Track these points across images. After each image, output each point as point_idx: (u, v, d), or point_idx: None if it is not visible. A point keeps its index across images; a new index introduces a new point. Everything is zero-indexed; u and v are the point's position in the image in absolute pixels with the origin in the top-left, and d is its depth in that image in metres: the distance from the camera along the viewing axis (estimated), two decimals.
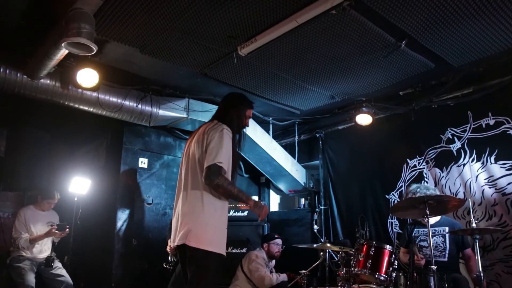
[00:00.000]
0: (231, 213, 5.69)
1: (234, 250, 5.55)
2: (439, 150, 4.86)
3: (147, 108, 5.20)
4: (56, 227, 4.78)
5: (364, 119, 5.20)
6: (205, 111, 5.52)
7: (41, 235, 4.79)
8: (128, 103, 5.05)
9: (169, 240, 4.54)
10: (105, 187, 5.69)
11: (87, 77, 4.39)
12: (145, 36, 3.99)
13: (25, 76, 4.34)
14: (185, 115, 5.41)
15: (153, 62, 4.52)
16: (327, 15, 3.39)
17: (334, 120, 5.99)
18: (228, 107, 3.07)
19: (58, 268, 4.91)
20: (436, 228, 4.01)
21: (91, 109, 4.89)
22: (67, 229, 4.87)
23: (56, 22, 3.62)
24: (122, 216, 5.46)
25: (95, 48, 3.43)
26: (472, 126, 4.61)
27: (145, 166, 5.84)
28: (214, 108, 5.56)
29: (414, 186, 4.15)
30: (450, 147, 4.77)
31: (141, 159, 5.81)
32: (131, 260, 5.39)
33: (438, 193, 4.29)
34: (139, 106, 5.13)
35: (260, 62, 4.33)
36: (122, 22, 3.76)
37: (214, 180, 2.63)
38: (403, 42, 3.91)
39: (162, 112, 5.31)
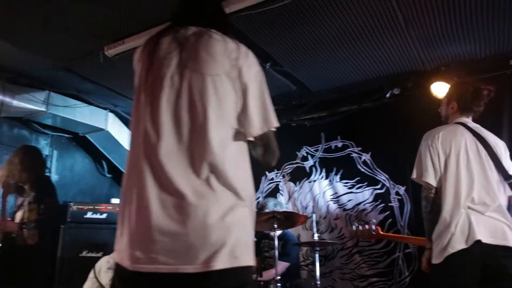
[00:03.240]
0: (89, 215, 5.44)
1: (90, 254, 5.32)
2: (295, 166, 5.27)
3: None
4: None
5: None
6: (67, 107, 5.20)
7: None
8: None
9: None
10: None
11: None
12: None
13: None
14: (43, 109, 5.02)
15: (8, 46, 4.11)
16: None
17: None
18: (219, 9, 1.80)
19: None
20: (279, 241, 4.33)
21: None
22: None
23: None
24: None
25: None
26: (323, 147, 5.10)
27: None
28: (77, 103, 5.31)
29: (269, 201, 4.42)
30: (304, 164, 5.20)
31: None
32: None
33: (287, 207, 4.62)
34: None
35: (127, 64, 4.18)
36: None
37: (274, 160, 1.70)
38: (268, 64, 4.17)
39: (16, 102, 4.84)
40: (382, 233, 3.42)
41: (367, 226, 3.41)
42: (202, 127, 1.42)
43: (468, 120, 2.77)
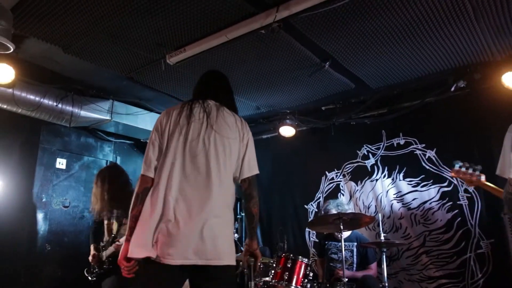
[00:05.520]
0: None
1: None
2: (355, 165, 5.18)
3: (68, 108, 4.97)
4: None
5: (287, 130, 5.40)
6: (130, 114, 5.40)
7: None
8: (47, 101, 4.79)
9: (92, 247, 4.11)
10: (17, 188, 5.30)
11: (1, 73, 4.11)
12: (69, 36, 3.80)
13: None
14: (108, 117, 5.25)
15: (76, 61, 4.32)
16: (256, 33, 3.48)
17: (258, 129, 6.10)
18: (229, 91, 2.64)
19: None
20: (346, 243, 4.27)
21: (5, 106, 4.58)
22: None
23: None
24: (35, 220, 5.16)
25: (12, 47, 3.22)
26: (385, 144, 4.97)
27: (63, 167, 5.57)
28: (139, 111, 5.49)
29: (330, 204, 4.38)
30: (365, 163, 5.10)
31: (59, 160, 5.53)
32: (43, 266, 5.12)
33: (349, 206, 4.54)
34: (59, 105, 4.88)
35: (189, 71, 4.33)
36: (44, 19, 3.56)
37: (257, 196, 2.37)
38: (327, 63, 4.11)
39: (84, 113, 5.10)
40: (485, 182, 2.96)
41: (471, 170, 2.96)
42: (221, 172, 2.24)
43: None
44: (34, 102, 4.68)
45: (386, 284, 3.76)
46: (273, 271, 3.77)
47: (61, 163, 5.53)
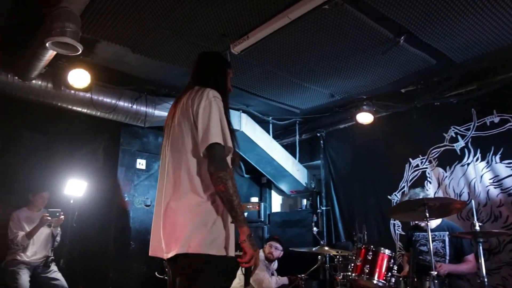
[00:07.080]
0: None
1: (235, 253, 5.46)
2: (442, 149, 4.70)
3: (142, 109, 5.10)
4: (47, 214, 4.67)
5: (365, 117, 5.07)
6: None
7: (35, 227, 4.67)
8: (122, 103, 4.96)
9: None
10: (103, 188, 5.61)
11: (79, 78, 4.32)
12: (136, 35, 3.89)
13: (16, 77, 4.27)
14: None
15: (146, 61, 4.43)
16: (319, 10, 3.25)
17: (335, 119, 5.85)
18: (209, 67, 2.36)
19: (54, 272, 4.83)
20: (436, 233, 3.84)
21: (85, 110, 4.80)
22: (62, 216, 4.74)
23: (43, 21, 3.54)
24: (120, 219, 5.37)
25: (80, 48, 3.34)
26: (476, 124, 4.45)
27: (143, 167, 5.74)
28: None
29: (402, 195, 4.03)
30: (453, 146, 4.61)
31: (138, 160, 5.71)
32: (128, 263, 5.31)
33: (426, 194, 4.09)
34: (134, 106, 5.03)
35: (255, 60, 4.21)
36: (111, 21, 3.68)
37: (219, 171, 1.94)
38: (402, 38, 3.76)
39: (158, 112, 5.22)
40: None
41: None
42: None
43: None
44: (110, 105, 4.86)
45: (486, 280, 3.29)
46: (352, 264, 3.49)
47: (141, 164, 5.71)
